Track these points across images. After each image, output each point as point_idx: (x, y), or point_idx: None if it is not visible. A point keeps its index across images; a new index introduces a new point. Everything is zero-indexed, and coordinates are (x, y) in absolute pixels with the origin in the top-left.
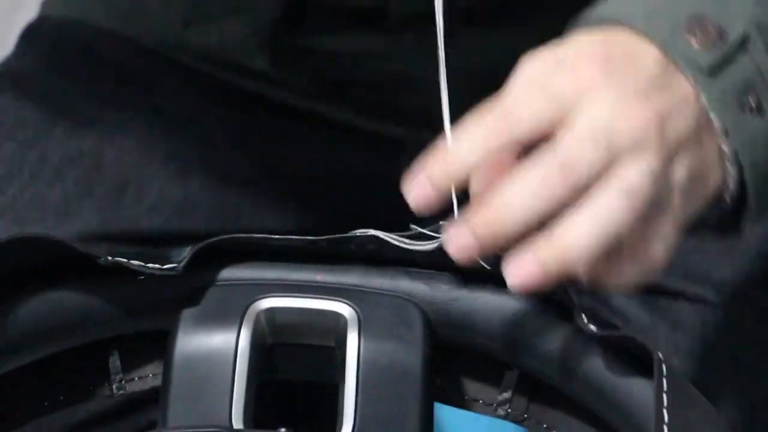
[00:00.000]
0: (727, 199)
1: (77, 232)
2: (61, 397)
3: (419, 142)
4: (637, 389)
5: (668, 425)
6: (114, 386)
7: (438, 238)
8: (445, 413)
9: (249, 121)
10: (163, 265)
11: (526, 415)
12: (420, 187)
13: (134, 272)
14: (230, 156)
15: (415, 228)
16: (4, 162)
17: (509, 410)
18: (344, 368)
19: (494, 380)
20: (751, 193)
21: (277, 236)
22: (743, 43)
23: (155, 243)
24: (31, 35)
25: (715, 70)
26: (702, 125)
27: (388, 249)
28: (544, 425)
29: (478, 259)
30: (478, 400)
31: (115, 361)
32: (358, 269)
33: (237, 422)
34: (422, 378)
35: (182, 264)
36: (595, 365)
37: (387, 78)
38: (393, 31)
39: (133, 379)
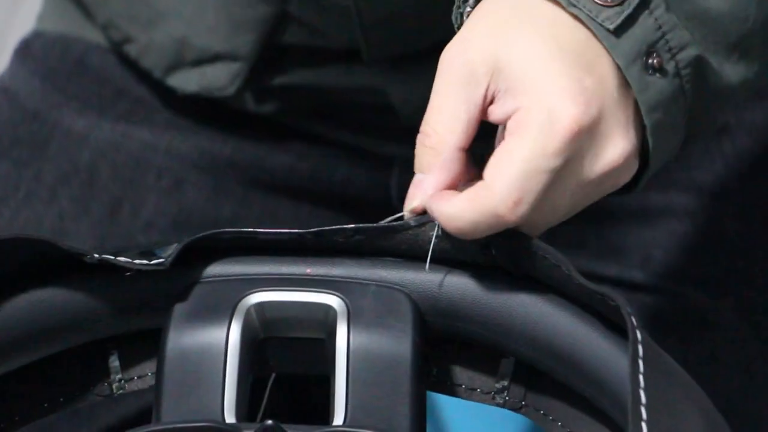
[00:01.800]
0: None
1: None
2: (61, 398)
3: (409, 157)
4: (617, 365)
5: (646, 406)
6: (114, 386)
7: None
8: (442, 403)
9: (242, 136)
10: (150, 261)
11: (523, 403)
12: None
13: (121, 269)
14: (224, 169)
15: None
16: (0, 182)
17: (507, 398)
18: (335, 360)
19: (491, 369)
20: (652, 153)
21: (264, 230)
22: (644, 1)
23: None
24: (24, 51)
25: (620, 30)
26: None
27: (375, 238)
28: (541, 412)
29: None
30: (475, 389)
31: (114, 361)
32: (347, 261)
33: (229, 417)
34: (412, 367)
35: (169, 259)
36: (583, 347)
37: (369, 104)
38: (368, 66)
39: (132, 379)
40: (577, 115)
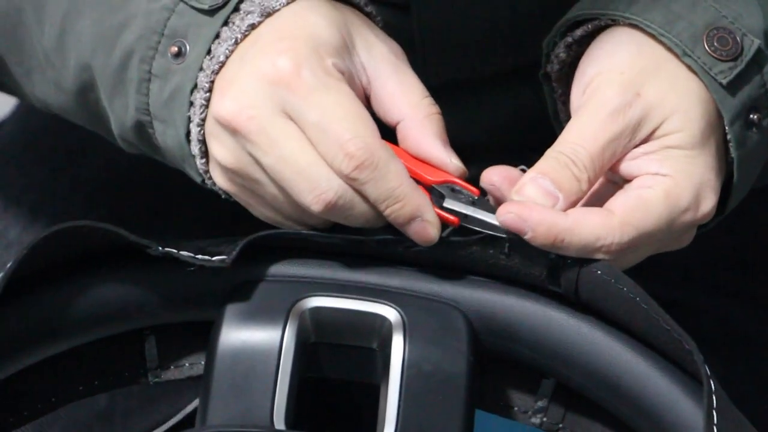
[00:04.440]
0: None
1: None
2: (96, 382)
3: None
4: (681, 407)
5: None
6: (149, 374)
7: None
8: (478, 419)
9: None
10: (212, 257)
11: (561, 425)
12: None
13: (184, 263)
14: None
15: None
16: (38, 187)
17: (544, 419)
18: (387, 371)
19: (530, 388)
20: (732, 199)
21: (325, 234)
22: (756, 59)
23: None
24: None
25: (732, 86)
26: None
27: (436, 251)
28: None
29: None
30: (512, 407)
31: (151, 349)
32: (405, 272)
33: (278, 422)
34: (466, 387)
35: (232, 257)
36: (639, 381)
37: None
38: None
39: (168, 368)
40: (708, 213)
